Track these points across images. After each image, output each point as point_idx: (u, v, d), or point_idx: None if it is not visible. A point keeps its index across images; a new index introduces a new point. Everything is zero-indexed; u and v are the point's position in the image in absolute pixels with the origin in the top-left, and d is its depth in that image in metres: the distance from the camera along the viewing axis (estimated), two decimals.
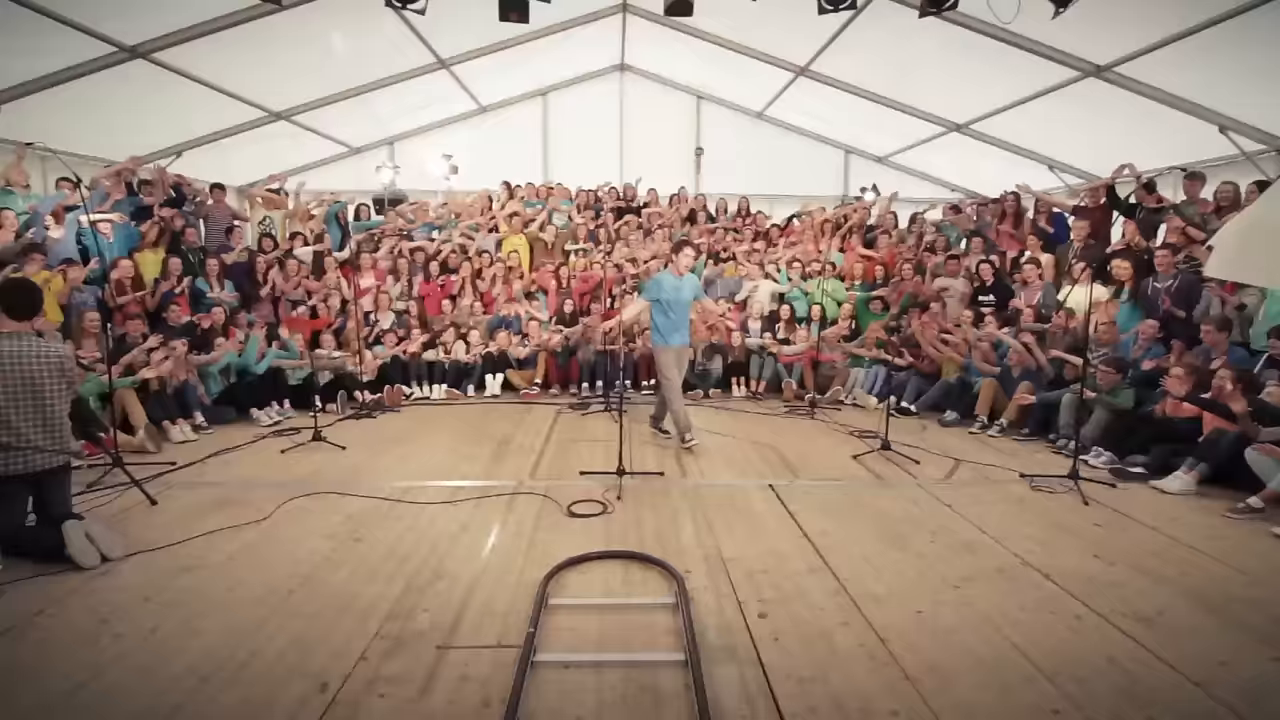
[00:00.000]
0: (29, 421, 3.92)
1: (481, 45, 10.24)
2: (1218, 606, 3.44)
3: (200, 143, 10.29)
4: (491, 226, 10.76)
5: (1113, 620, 3.27)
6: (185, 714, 2.56)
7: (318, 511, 4.64)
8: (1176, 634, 3.17)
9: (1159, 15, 6.77)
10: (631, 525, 4.43)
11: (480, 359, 8.96)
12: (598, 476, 5.28)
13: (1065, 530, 4.42)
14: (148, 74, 8.05)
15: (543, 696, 2.66)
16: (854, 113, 11.36)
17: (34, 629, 3.17)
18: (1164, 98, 7.74)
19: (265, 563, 3.85)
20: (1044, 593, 3.56)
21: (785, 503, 4.86)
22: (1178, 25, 6.75)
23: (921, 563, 3.91)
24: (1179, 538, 4.32)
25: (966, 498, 5.00)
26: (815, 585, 3.61)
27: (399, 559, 3.89)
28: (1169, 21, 6.79)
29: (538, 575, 3.64)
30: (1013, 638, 3.10)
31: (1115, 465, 5.72)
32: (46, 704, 2.63)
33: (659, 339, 6.29)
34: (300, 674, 2.80)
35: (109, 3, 6.90)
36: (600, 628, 3.19)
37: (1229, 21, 6.26)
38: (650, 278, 7.18)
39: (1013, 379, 7.16)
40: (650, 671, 2.83)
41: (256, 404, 7.34)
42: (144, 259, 8.04)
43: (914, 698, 2.67)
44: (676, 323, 6.25)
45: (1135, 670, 2.87)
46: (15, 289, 4.08)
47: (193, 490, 5.08)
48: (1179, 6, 6.49)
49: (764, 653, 2.96)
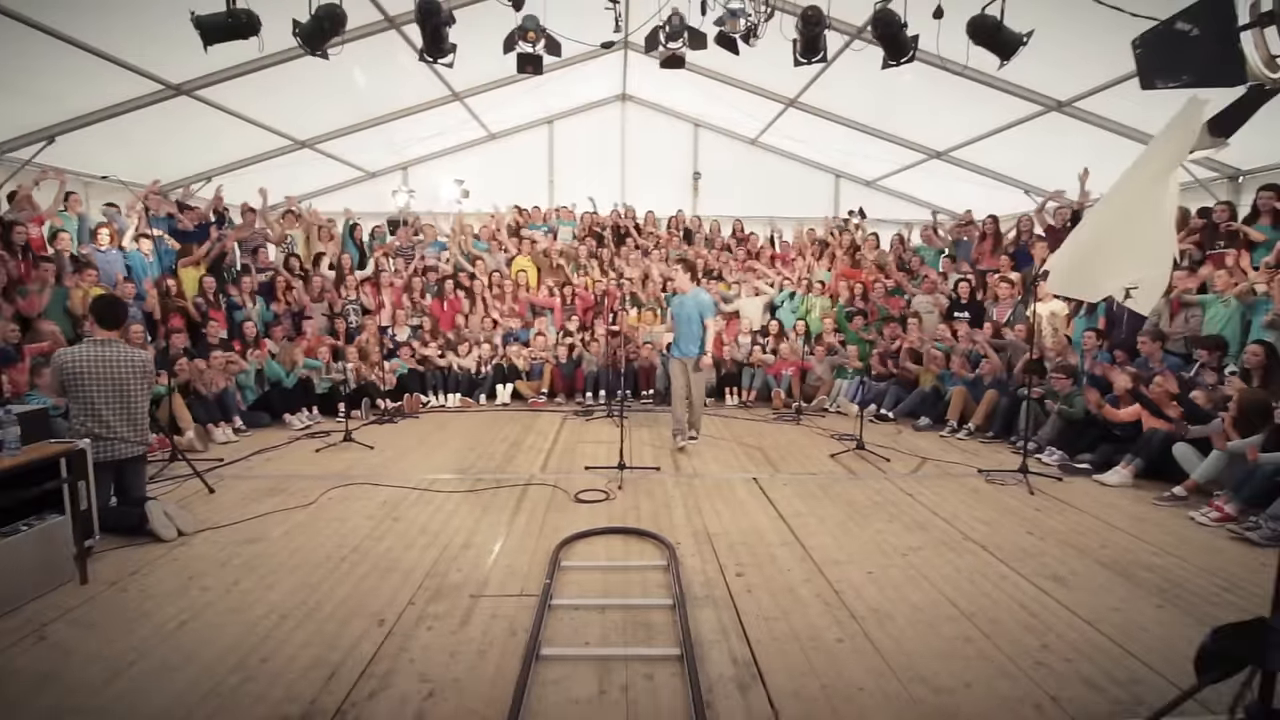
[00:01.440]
0: (116, 415, 4.58)
1: (493, 79, 10.98)
2: (1124, 570, 4.09)
3: (230, 169, 11.03)
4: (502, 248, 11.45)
5: (1032, 579, 3.93)
6: (274, 640, 3.22)
7: (356, 498, 5.30)
8: (1082, 590, 3.81)
9: (1111, 56, 7.47)
10: (630, 509, 5.09)
11: (491, 370, 9.64)
12: (601, 471, 5.94)
13: (1008, 513, 5.08)
14: (186, 107, 8.78)
15: (558, 628, 3.32)
16: (842, 140, 12.07)
17: (134, 583, 3.84)
18: (1119, 129, 8.44)
19: (317, 537, 4.51)
20: (979, 560, 4.21)
21: (766, 492, 5.53)
22: (1128, 66, 7.45)
23: (878, 537, 4.56)
24: (1107, 520, 4.97)
25: (927, 489, 5.66)
26: (786, 554, 4.27)
27: (431, 534, 4.56)
28: (1120, 62, 7.50)
29: (551, 546, 4.29)
30: (945, 591, 3.76)
31: (1065, 462, 6.37)
32: (161, 634, 3.28)
33: (670, 350, 7.08)
34: (360, 614, 3.46)
35: (159, 46, 7.64)
36: (604, 583, 3.85)
37: None
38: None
39: (982, 387, 7.82)
40: (644, 612, 3.48)
41: (288, 410, 8.02)
42: (185, 275, 8.73)
43: (856, 630, 3.32)
44: (679, 336, 6.96)
45: (1040, 613, 3.53)
46: (105, 303, 4.76)
47: (243, 481, 5.75)
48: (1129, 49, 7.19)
49: (738, 600, 3.62)
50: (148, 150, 9.50)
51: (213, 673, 2.95)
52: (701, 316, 6.86)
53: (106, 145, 8.81)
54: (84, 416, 4.47)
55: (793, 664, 3.03)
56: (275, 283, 9.62)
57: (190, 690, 2.83)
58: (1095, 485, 5.85)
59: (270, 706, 2.73)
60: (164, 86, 8.29)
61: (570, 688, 2.84)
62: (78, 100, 8.06)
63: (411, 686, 2.85)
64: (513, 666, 2.96)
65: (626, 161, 14.01)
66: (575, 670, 2.96)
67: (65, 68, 7.33)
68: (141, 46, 7.62)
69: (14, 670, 2.99)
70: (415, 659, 3.05)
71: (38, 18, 6.48)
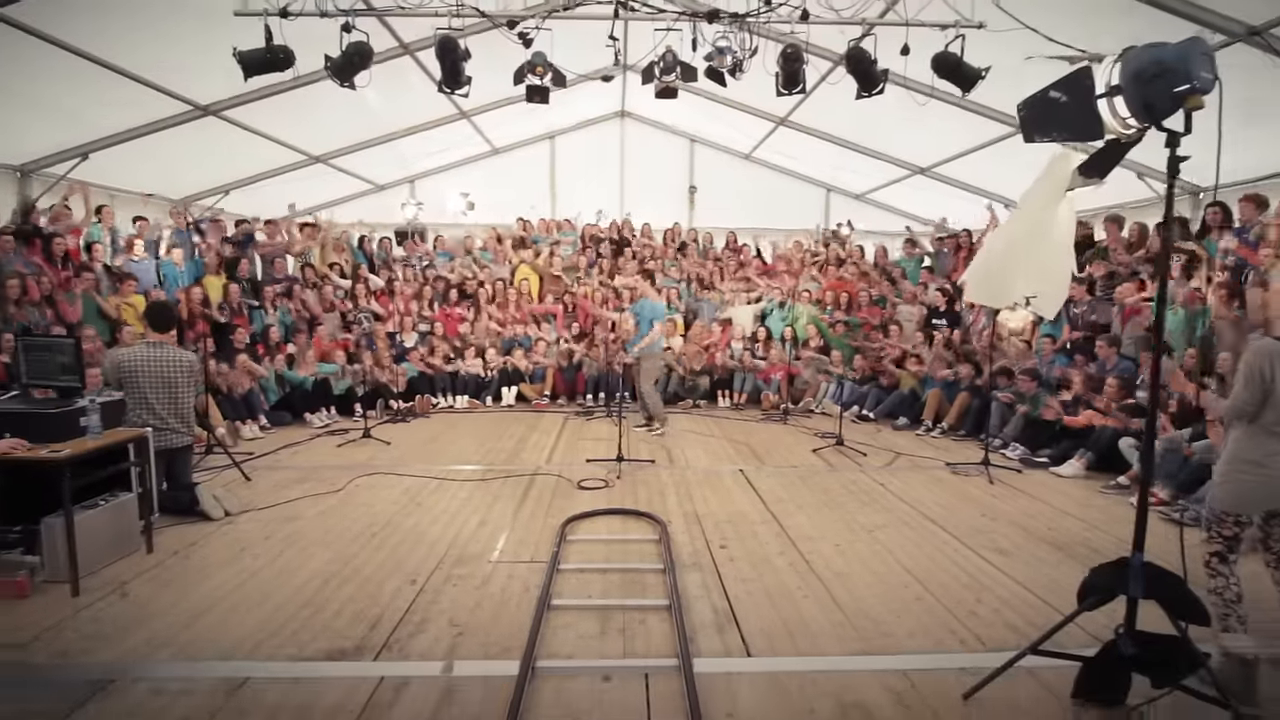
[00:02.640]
0: (166, 409, 5.13)
1: (499, 98, 11.58)
2: (1062, 545, 4.65)
3: (247, 182, 11.62)
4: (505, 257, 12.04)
5: (979, 552, 4.49)
6: (321, 597, 3.77)
7: (380, 486, 5.86)
8: (1022, 560, 4.38)
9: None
10: (628, 495, 5.65)
11: (496, 373, 10.21)
12: (601, 463, 6.50)
13: (967, 499, 5.65)
14: (211, 125, 9.36)
15: (566, 585, 3.89)
16: (831, 156, 12.67)
17: (194, 552, 4.40)
18: (1081, 147, 9.02)
19: (349, 516, 5.07)
20: (935, 536, 4.78)
21: (751, 481, 6.09)
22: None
23: (848, 517, 5.13)
24: (1055, 505, 5.54)
25: (897, 479, 6.23)
26: (764, 530, 4.84)
27: (451, 514, 5.12)
28: None
29: (557, 524, 4.86)
30: (901, 559, 4.33)
31: (1026, 457, 6.94)
32: (223, 591, 3.84)
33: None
34: (394, 575, 4.02)
35: (190, 71, 8.22)
36: (605, 552, 4.42)
37: None
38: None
39: (956, 389, 8.40)
40: (639, 575, 4.05)
41: (308, 409, 8.58)
42: (210, 284, 9.29)
43: (820, 588, 3.89)
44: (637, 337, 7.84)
45: (982, 578, 4.09)
46: (158, 309, 5.35)
47: (275, 471, 6.31)
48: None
49: (720, 566, 4.18)
50: (172, 165, 10.07)
51: (271, 620, 3.51)
52: (652, 321, 7.46)
53: (135, 161, 9.38)
54: (139, 410, 5.02)
55: (763, 613, 3.60)
56: (293, 291, 10.19)
57: (256, 631, 3.39)
58: (1051, 476, 6.42)
59: (326, 642, 3.29)
60: (193, 107, 8.88)
61: (576, 629, 3.40)
62: (112, 120, 8.63)
63: (444, 629, 3.41)
64: (528, 613, 3.52)
65: (625, 175, 14.59)
66: (580, 617, 3.53)
67: (101, 90, 7.87)
68: (174, 71, 8.21)
69: (108, 616, 3.55)
70: (445, 609, 3.61)
71: (80, 45, 7.03)
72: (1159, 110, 2.43)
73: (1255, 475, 2.96)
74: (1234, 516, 3.08)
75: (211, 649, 3.23)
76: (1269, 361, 2.90)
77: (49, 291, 7.44)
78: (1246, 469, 2.98)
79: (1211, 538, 3.14)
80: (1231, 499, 3.06)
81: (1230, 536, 3.10)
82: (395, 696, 2.85)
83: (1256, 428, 2.97)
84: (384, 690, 2.89)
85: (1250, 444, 2.98)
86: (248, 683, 2.94)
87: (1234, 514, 3.07)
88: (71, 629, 3.42)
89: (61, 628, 3.43)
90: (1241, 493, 3.03)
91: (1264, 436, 2.95)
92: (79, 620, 3.51)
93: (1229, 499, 3.06)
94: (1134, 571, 2.70)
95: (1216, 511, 3.11)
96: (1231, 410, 3.02)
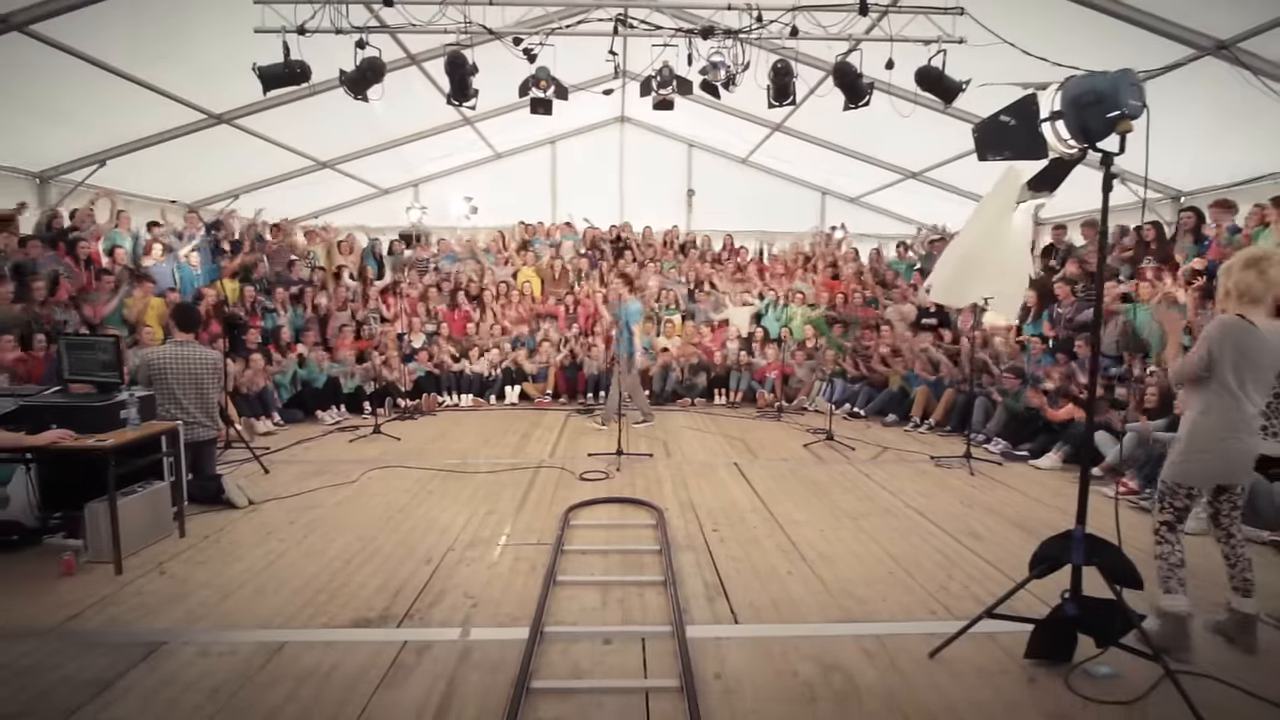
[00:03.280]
0: (193, 404, 5.47)
1: (501, 105, 11.91)
2: (1032, 530, 4.96)
3: (256, 187, 11.95)
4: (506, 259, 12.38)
5: (954, 535, 4.82)
6: (345, 574, 4.10)
7: (392, 478, 6.19)
8: (994, 543, 4.71)
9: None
10: (627, 485, 5.98)
11: (500, 373, 10.54)
12: (601, 457, 6.83)
13: (948, 489, 5.98)
14: (224, 133, 9.69)
15: (570, 564, 4.22)
16: (826, 160, 13.00)
17: (223, 536, 4.73)
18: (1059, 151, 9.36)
19: (366, 505, 5.40)
20: (914, 523, 5.11)
21: (744, 473, 6.43)
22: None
23: (834, 505, 5.46)
24: (1030, 494, 5.87)
25: (883, 471, 6.57)
26: (755, 517, 5.17)
27: (462, 502, 5.45)
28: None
29: (561, 511, 5.18)
30: (882, 543, 4.66)
31: (1008, 450, 7.27)
32: (254, 570, 4.17)
33: None
34: (411, 556, 4.35)
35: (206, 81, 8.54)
36: (605, 537, 4.75)
37: None
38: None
39: (943, 386, 8.73)
40: (637, 556, 4.38)
41: (320, 407, 8.91)
42: (225, 285, 9.61)
43: (804, 568, 4.22)
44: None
45: (954, 558, 4.42)
46: (184, 310, 5.68)
47: (292, 464, 6.64)
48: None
49: (712, 547, 4.52)
50: (185, 171, 10.41)
51: (301, 593, 3.84)
52: (629, 324, 7.78)
53: (149, 167, 9.70)
54: (168, 404, 5.35)
55: (750, 587, 3.93)
56: (304, 293, 10.53)
57: (287, 604, 3.72)
58: (1030, 469, 6.75)
59: (353, 612, 3.61)
60: (207, 115, 9.21)
61: (580, 601, 3.73)
62: (129, 127, 8.96)
63: (459, 601, 3.74)
64: (535, 587, 3.84)
65: (625, 179, 14.91)
66: (584, 590, 3.86)
67: (120, 100, 8.18)
68: (190, 81, 8.53)
69: (150, 591, 3.88)
70: (459, 584, 3.94)
71: (104, 58, 7.34)
72: (1094, 133, 2.76)
73: (1206, 453, 3.23)
74: (1185, 489, 3.37)
75: (249, 619, 3.56)
76: (1226, 337, 3.10)
77: (75, 292, 7.78)
78: (1199, 446, 3.26)
79: (1163, 508, 3.44)
80: (1183, 473, 3.35)
81: (1180, 508, 3.38)
82: (418, 658, 3.17)
83: (1217, 405, 3.22)
84: (408, 652, 3.21)
85: (1204, 425, 3.25)
86: (284, 647, 3.26)
87: (1185, 487, 3.37)
88: (118, 602, 3.75)
89: (109, 601, 3.76)
90: (1191, 468, 3.31)
91: (1215, 418, 3.22)
92: (124, 594, 3.84)
93: (1181, 473, 3.35)
94: (1075, 543, 3.03)
95: (1169, 484, 3.41)
96: (1176, 372, 3.29)
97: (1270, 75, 6.31)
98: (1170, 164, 9.04)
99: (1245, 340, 3.06)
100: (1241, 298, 3.15)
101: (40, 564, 4.20)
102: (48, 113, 8.01)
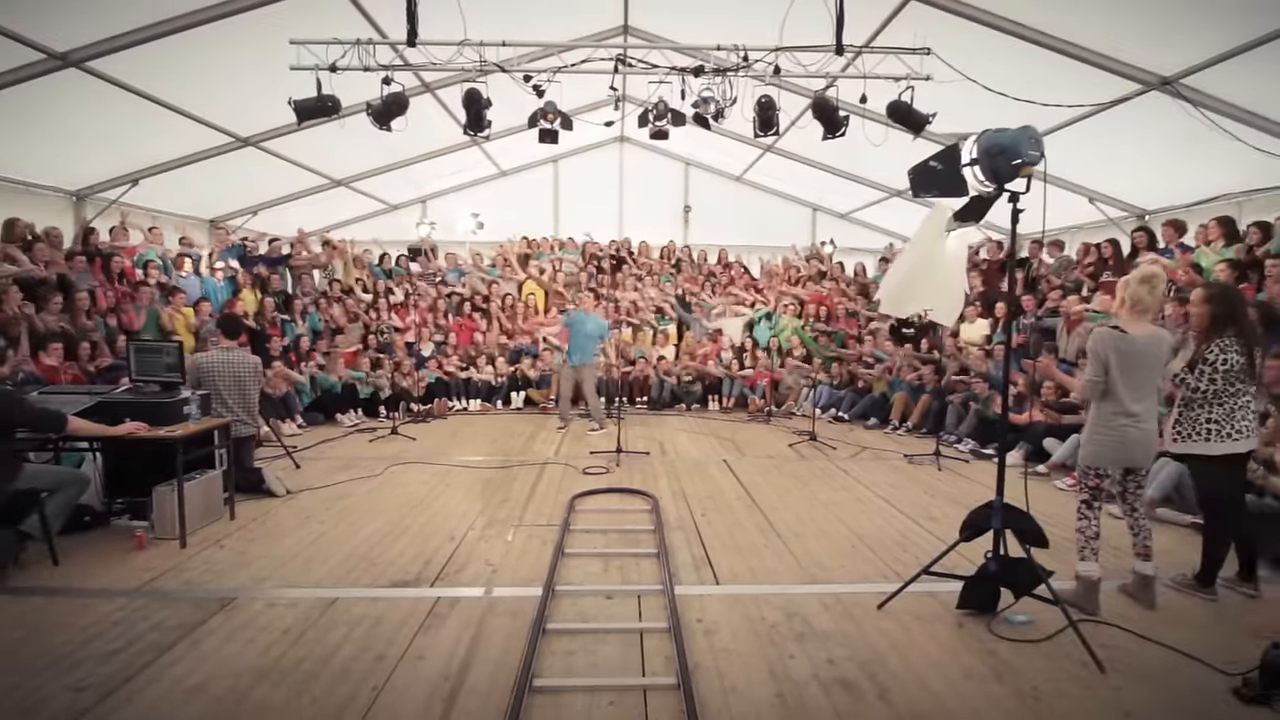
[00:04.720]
0: (237, 404, 6.09)
1: (508, 127, 12.59)
2: None
3: (273, 204, 12.64)
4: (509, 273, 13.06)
5: (913, 518, 5.46)
6: (380, 548, 4.73)
7: (413, 472, 6.82)
8: (948, 524, 5.32)
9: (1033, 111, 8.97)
10: (625, 479, 6.61)
11: (506, 380, 11.19)
12: (602, 455, 7.47)
13: (915, 482, 6.62)
14: (248, 154, 10.36)
15: (576, 541, 4.86)
16: (816, 179, 13.68)
17: (269, 519, 5.36)
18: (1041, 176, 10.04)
19: (391, 494, 6.03)
20: (881, 508, 5.75)
21: (732, 468, 7.07)
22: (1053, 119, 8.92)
23: (811, 495, 6.10)
24: (989, 486, 6.44)
25: (859, 467, 7.20)
26: (739, 504, 5.81)
27: (477, 493, 6.09)
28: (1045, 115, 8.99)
29: (566, 499, 5.81)
30: (849, 524, 5.30)
31: (976, 450, 7.91)
32: (301, 545, 4.79)
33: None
34: (436, 535, 4.98)
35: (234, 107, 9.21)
36: (606, 519, 5.39)
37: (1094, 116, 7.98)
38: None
39: (921, 392, 9.37)
40: (634, 535, 5.02)
41: (339, 410, 9.55)
42: (245, 298, 10.27)
43: (779, 543, 4.86)
44: (573, 348, 9.13)
45: (910, 536, 5.06)
46: (229, 319, 6.32)
47: (319, 461, 7.27)
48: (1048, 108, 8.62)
49: (700, 527, 5.16)
50: (210, 189, 11.09)
51: (344, 564, 4.47)
52: (600, 337, 8.80)
53: (176, 186, 10.37)
54: (214, 404, 5.98)
55: (732, 559, 4.56)
56: (320, 304, 11.18)
57: (334, 570, 4.34)
58: (993, 465, 7.34)
59: (391, 576, 4.25)
60: (235, 139, 9.89)
61: (585, 568, 4.37)
62: (161, 149, 9.61)
63: (482, 568, 4.37)
64: (547, 557, 4.48)
65: (624, 196, 15.60)
66: (588, 561, 4.49)
67: (155, 125, 8.84)
68: (220, 108, 9.21)
69: (214, 560, 4.51)
70: (481, 555, 4.58)
71: (145, 88, 7.97)
72: (1003, 176, 3.41)
73: (1109, 438, 3.87)
74: (1095, 470, 4.00)
75: (304, 581, 4.19)
76: (1106, 346, 3.76)
77: (112, 304, 8.42)
78: (1102, 433, 3.89)
79: (1081, 488, 4.07)
80: (1093, 457, 3.98)
81: (1093, 487, 4.01)
82: (450, 609, 3.80)
83: (1110, 400, 3.87)
84: (441, 605, 3.84)
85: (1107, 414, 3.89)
86: (337, 601, 3.89)
87: (1094, 468, 4.00)
88: (189, 569, 4.37)
89: (180, 568, 4.38)
90: (1100, 452, 3.95)
91: (1114, 408, 3.86)
92: (192, 563, 4.46)
93: (1090, 457, 3.99)
94: (995, 511, 3.68)
95: (1083, 466, 4.04)
96: (1082, 389, 3.96)
97: (1209, 108, 6.96)
98: (1133, 185, 9.74)
99: (1121, 345, 3.72)
100: (1134, 307, 3.81)
101: (113, 541, 4.83)
102: (90, 138, 8.66)
